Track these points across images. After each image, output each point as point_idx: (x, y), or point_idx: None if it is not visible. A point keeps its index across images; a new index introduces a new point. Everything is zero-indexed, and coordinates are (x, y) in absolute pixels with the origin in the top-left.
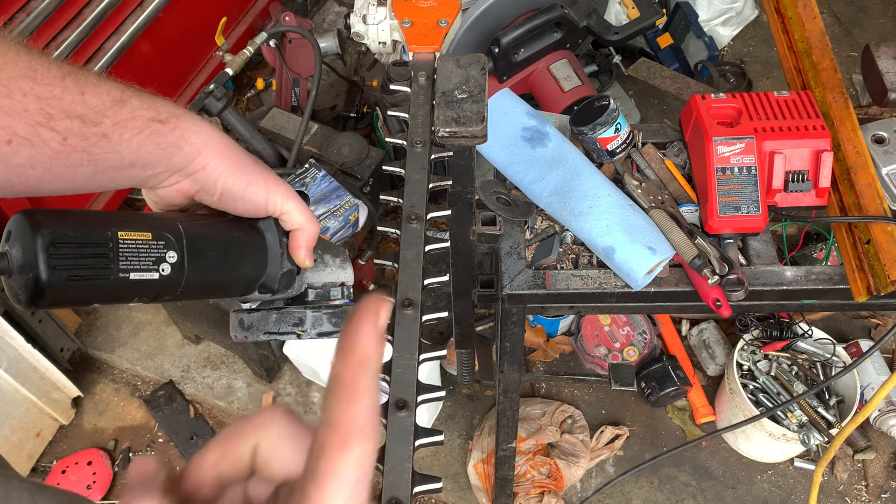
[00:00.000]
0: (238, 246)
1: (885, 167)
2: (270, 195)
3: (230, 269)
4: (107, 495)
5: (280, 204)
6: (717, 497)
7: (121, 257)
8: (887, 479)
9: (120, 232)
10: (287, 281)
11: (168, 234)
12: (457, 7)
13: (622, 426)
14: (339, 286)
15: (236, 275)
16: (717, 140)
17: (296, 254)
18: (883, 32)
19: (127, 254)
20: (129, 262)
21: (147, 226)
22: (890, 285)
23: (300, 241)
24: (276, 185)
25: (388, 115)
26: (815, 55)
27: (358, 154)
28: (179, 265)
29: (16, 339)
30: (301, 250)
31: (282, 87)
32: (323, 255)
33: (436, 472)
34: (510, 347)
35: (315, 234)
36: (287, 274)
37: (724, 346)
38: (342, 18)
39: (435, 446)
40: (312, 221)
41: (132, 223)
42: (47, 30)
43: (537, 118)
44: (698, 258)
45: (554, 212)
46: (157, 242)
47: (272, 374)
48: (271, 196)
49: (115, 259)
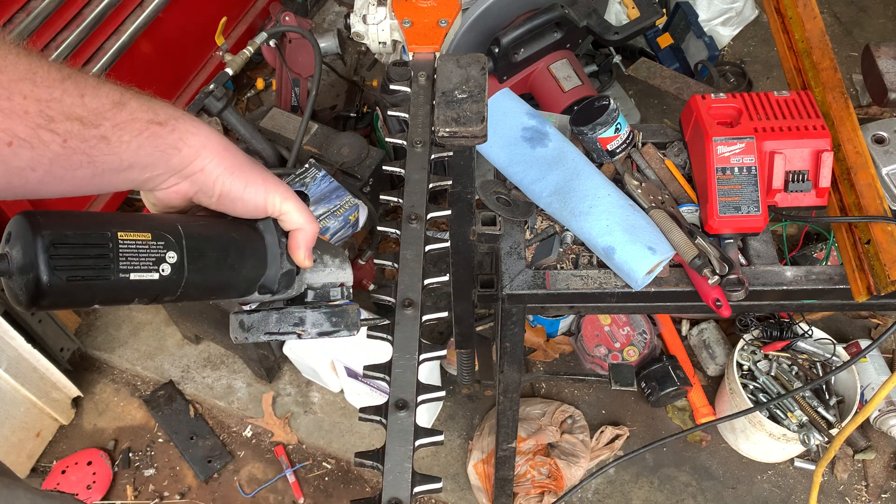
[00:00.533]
0: (237, 246)
1: (885, 167)
2: (269, 196)
3: (230, 269)
4: (107, 495)
5: (279, 205)
6: (717, 497)
7: (121, 257)
8: (887, 479)
9: (120, 232)
10: (287, 281)
11: (168, 235)
12: (457, 7)
13: (622, 426)
14: (339, 286)
15: (236, 275)
16: (717, 140)
17: (295, 254)
18: (883, 32)
19: (127, 254)
20: (130, 263)
21: (147, 226)
22: (890, 285)
23: (299, 241)
24: (275, 186)
25: (388, 115)
26: (815, 55)
27: (358, 154)
28: (179, 266)
29: (16, 339)
30: (300, 250)
31: (282, 87)
32: (322, 255)
33: (436, 472)
34: (510, 347)
35: (314, 234)
36: (287, 274)
37: (724, 346)
38: (342, 18)
39: (435, 446)
40: (311, 221)
41: (132, 224)
42: (47, 30)
43: (537, 118)
44: (698, 258)
45: (554, 212)
46: (157, 243)
47: (272, 374)
48: (270, 197)
49: (115, 259)
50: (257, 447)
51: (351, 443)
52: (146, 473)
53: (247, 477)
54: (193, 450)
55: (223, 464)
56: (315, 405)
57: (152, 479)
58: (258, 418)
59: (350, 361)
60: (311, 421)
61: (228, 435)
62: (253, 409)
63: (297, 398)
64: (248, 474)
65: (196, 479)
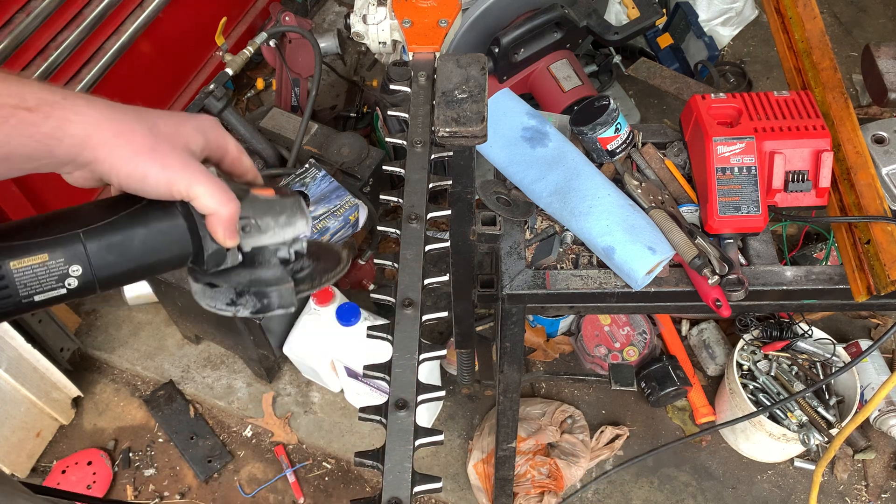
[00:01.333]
0: (146, 237)
1: (885, 167)
2: (173, 184)
3: (144, 259)
4: (107, 495)
5: (185, 190)
6: (717, 497)
7: (19, 286)
8: (887, 479)
9: (12, 262)
10: (216, 259)
11: (68, 248)
12: (457, 7)
13: (622, 426)
14: (287, 245)
15: (154, 262)
16: (717, 140)
17: (215, 237)
18: (883, 32)
19: (25, 281)
20: (30, 288)
21: (42, 245)
22: (890, 285)
23: (213, 225)
24: (179, 171)
25: (388, 115)
26: (815, 55)
27: (358, 154)
28: (87, 274)
29: (16, 339)
30: (217, 233)
31: (282, 87)
32: (259, 219)
33: (436, 472)
34: (510, 347)
35: (230, 215)
36: (214, 254)
37: (724, 346)
38: (342, 18)
39: (435, 446)
40: (225, 203)
41: (27, 249)
42: (47, 30)
43: (537, 118)
44: (698, 258)
45: (554, 212)
46: (57, 261)
47: (272, 374)
48: (174, 184)
49: (14, 289)
50: (257, 447)
51: (351, 443)
52: (146, 473)
53: (247, 477)
54: (193, 450)
55: (223, 464)
56: (315, 405)
57: (152, 479)
58: (258, 418)
59: (350, 361)
60: (311, 421)
61: (228, 435)
62: (253, 409)
63: (297, 398)
64: (248, 474)
65: (196, 479)
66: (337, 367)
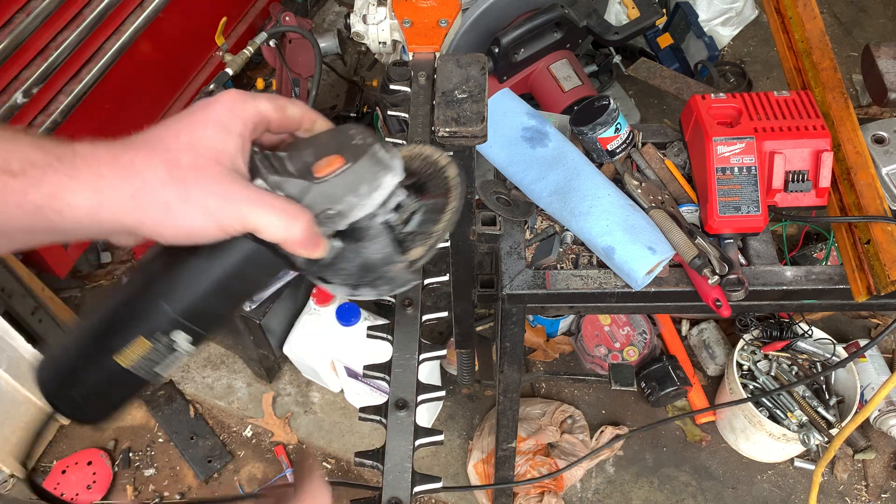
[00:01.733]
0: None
1: (885, 167)
2: (224, 227)
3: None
4: (107, 495)
5: (240, 227)
6: (717, 497)
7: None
8: (887, 479)
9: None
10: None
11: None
12: (457, 7)
13: (622, 426)
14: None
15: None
16: (717, 140)
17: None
18: (883, 32)
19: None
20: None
21: (136, 329)
22: (890, 285)
23: (290, 249)
24: (225, 208)
25: (388, 115)
26: (815, 55)
27: None
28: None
29: (16, 339)
30: (299, 253)
31: (282, 87)
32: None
33: (436, 472)
34: (510, 347)
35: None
36: (307, 261)
37: (724, 346)
38: (342, 18)
39: (435, 446)
40: (291, 224)
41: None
42: (47, 30)
43: (537, 118)
44: (698, 258)
45: (554, 212)
46: (157, 342)
47: (272, 374)
48: (226, 227)
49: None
50: (257, 447)
51: (351, 443)
52: (146, 473)
53: (247, 477)
54: (193, 450)
55: (223, 464)
56: (315, 405)
57: (152, 479)
58: (258, 418)
59: (350, 361)
60: (311, 421)
61: (228, 435)
62: (253, 409)
63: (297, 398)
64: (248, 474)
65: (196, 479)
66: (337, 367)
